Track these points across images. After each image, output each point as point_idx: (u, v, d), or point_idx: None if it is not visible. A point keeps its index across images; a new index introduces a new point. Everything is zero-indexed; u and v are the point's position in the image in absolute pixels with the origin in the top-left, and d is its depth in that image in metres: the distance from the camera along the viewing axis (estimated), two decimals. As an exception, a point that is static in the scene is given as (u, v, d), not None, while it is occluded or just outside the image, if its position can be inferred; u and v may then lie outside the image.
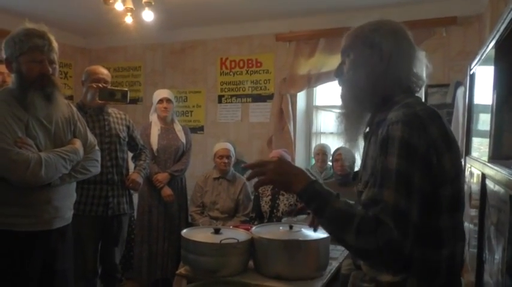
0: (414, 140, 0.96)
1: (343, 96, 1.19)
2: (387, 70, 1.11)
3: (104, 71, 2.67)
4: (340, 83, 1.21)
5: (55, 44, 1.80)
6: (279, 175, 1.11)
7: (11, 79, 2.69)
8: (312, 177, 1.11)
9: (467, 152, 1.97)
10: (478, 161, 1.52)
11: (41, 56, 1.75)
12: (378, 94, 1.13)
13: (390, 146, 0.98)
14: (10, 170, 1.67)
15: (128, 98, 2.59)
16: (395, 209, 0.95)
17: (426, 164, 0.97)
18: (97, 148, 2.06)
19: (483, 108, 1.69)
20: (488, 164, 1.27)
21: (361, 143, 1.21)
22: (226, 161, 3.36)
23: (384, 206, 0.96)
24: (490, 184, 1.27)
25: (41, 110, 1.78)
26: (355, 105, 1.17)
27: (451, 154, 1.01)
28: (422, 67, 1.15)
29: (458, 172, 1.05)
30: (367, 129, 1.18)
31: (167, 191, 3.28)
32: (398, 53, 1.11)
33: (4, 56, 1.79)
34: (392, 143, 0.98)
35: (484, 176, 1.35)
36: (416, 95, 1.16)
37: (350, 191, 1.44)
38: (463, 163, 2.13)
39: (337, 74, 1.21)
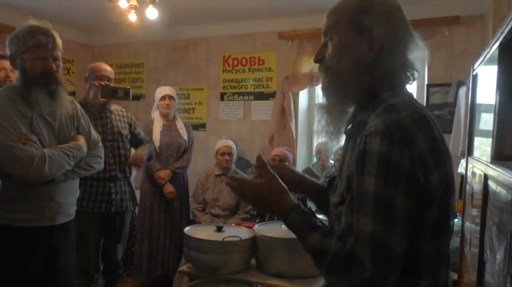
0: (395, 156, 0.81)
1: (324, 87, 1.03)
2: (377, 61, 0.94)
3: (107, 68, 2.68)
4: (320, 70, 1.03)
5: (59, 41, 1.81)
6: (256, 200, 1.05)
7: (14, 75, 2.72)
8: (293, 199, 1.01)
9: (470, 152, 1.98)
10: (481, 162, 1.52)
11: (44, 53, 1.76)
12: (362, 87, 0.97)
13: (367, 163, 0.84)
14: (14, 166, 1.68)
15: (131, 95, 2.60)
16: (373, 241, 0.81)
17: (410, 184, 0.82)
18: (100, 144, 2.07)
19: (486, 108, 1.70)
20: (491, 165, 1.27)
21: (342, 140, 1.07)
22: (228, 158, 3.37)
23: (359, 237, 0.82)
24: (492, 184, 1.28)
25: (45, 107, 1.79)
26: (337, 98, 1.01)
27: (439, 170, 0.85)
28: (418, 53, 0.99)
29: (448, 190, 0.89)
30: (349, 127, 1.03)
31: (169, 188, 3.29)
32: (392, 41, 0.94)
33: (8, 53, 1.80)
34: (370, 159, 0.83)
35: (486, 177, 1.36)
36: (410, 85, 1.00)
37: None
38: (463, 167, 2.14)
39: (317, 58, 1.03)
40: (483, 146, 1.74)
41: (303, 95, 4.19)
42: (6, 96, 1.76)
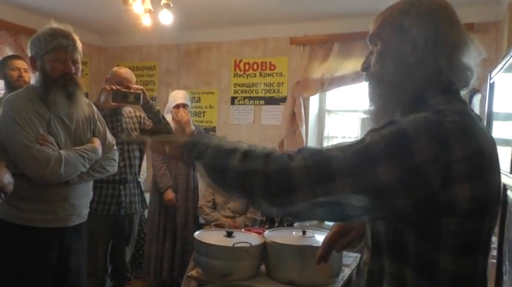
0: (417, 142, 0.75)
1: (369, 95, 0.98)
2: (421, 62, 0.89)
3: (128, 76, 2.67)
4: (365, 79, 0.99)
5: (79, 44, 1.83)
6: (156, 144, 1.06)
7: (28, 75, 2.75)
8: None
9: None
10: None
11: (65, 55, 1.77)
12: (407, 92, 0.91)
13: (386, 128, 0.79)
14: (31, 166, 1.69)
15: (142, 100, 2.60)
16: (321, 153, 0.79)
17: (413, 174, 0.75)
18: (115, 147, 2.08)
19: (503, 116, 1.67)
20: (510, 175, 1.25)
21: None
22: None
23: (308, 151, 0.81)
24: (511, 195, 1.25)
25: (63, 109, 1.80)
26: (381, 105, 0.95)
27: (473, 185, 0.78)
28: (476, 55, 0.91)
29: (480, 209, 0.81)
30: None
31: (169, 195, 3.27)
32: (436, 40, 0.88)
33: (29, 54, 1.82)
34: (392, 126, 0.78)
35: (505, 187, 1.33)
36: (464, 92, 0.93)
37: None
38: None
39: (364, 67, 0.99)
40: (500, 155, 1.70)
41: (314, 101, 4.17)
42: (25, 97, 1.78)
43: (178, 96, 3.45)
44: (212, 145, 0.90)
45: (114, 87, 2.56)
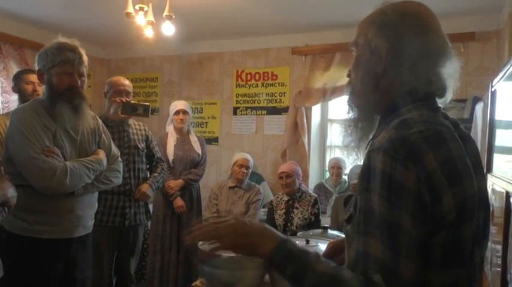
0: (398, 174, 0.76)
1: (347, 102, 1.00)
2: (386, 72, 0.90)
3: (125, 82, 2.72)
4: (345, 86, 1.01)
5: (85, 58, 1.86)
6: (237, 237, 0.93)
7: (42, 89, 2.78)
8: (281, 234, 0.92)
9: (489, 169, 1.95)
10: (502, 180, 1.50)
11: (71, 69, 1.81)
12: (376, 101, 0.93)
13: (372, 180, 0.79)
14: (37, 177, 1.71)
15: (150, 112, 2.64)
16: (383, 265, 0.76)
17: (416, 203, 0.76)
18: (120, 159, 2.09)
19: (506, 124, 1.68)
20: (514, 183, 1.25)
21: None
22: (245, 171, 3.37)
23: (370, 261, 0.77)
24: (515, 202, 1.26)
25: (69, 121, 1.83)
26: (356, 113, 0.98)
27: (454, 193, 0.78)
28: (452, 63, 0.90)
29: (463, 215, 0.79)
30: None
31: (179, 202, 3.29)
32: (396, 51, 0.88)
33: (36, 67, 1.85)
34: (374, 177, 0.79)
35: (508, 195, 1.34)
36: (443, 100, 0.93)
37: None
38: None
39: (348, 74, 1.00)
40: (503, 163, 1.71)
41: (316, 110, 4.20)
42: (31, 109, 1.81)
43: (178, 103, 3.48)
44: (310, 270, 0.83)
45: (123, 100, 2.60)
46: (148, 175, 2.86)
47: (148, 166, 2.94)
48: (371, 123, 0.97)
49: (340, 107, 4.26)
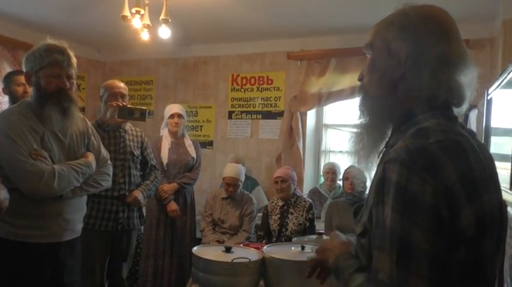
0: (414, 186, 0.72)
1: (359, 107, 0.95)
2: (405, 77, 0.86)
3: (120, 85, 2.70)
4: (357, 90, 0.97)
5: (74, 60, 1.83)
6: (324, 252, 1.06)
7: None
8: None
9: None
10: (498, 187, 1.50)
11: (59, 71, 1.78)
12: (392, 106, 0.89)
13: (386, 192, 0.76)
14: (24, 180, 1.68)
15: (147, 116, 2.62)
16: (391, 284, 0.73)
17: (433, 218, 0.72)
18: (109, 162, 2.06)
19: (501, 132, 1.68)
20: (510, 192, 1.25)
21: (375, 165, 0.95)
22: (231, 189, 3.32)
23: (378, 279, 0.75)
24: (511, 210, 1.26)
25: (57, 124, 1.80)
26: (369, 119, 0.93)
27: (473, 206, 0.74)
28: (471, 70, 0.86)
29: (482, 230, 0.76)
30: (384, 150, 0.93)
31: (173, 206, 3.26)
32: (417, 55, 0.84)
33: (24, 70, 1.82)
34: (388, 189, 0.75)
35: (505, 204, 1.34)
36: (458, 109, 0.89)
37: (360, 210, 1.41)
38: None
39: (359, 78, 0.96)
40: (498, 171, 1.71)
41: (311, 115, 4.20)
42: (19, 112, 1.78)
43: (173, 107, 3.46)
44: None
45: (120, 104, 2.58)
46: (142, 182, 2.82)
47: (141, 173, 2.90)
48: (383, 130, 0.93)
49: (335, 112, 4.27)
